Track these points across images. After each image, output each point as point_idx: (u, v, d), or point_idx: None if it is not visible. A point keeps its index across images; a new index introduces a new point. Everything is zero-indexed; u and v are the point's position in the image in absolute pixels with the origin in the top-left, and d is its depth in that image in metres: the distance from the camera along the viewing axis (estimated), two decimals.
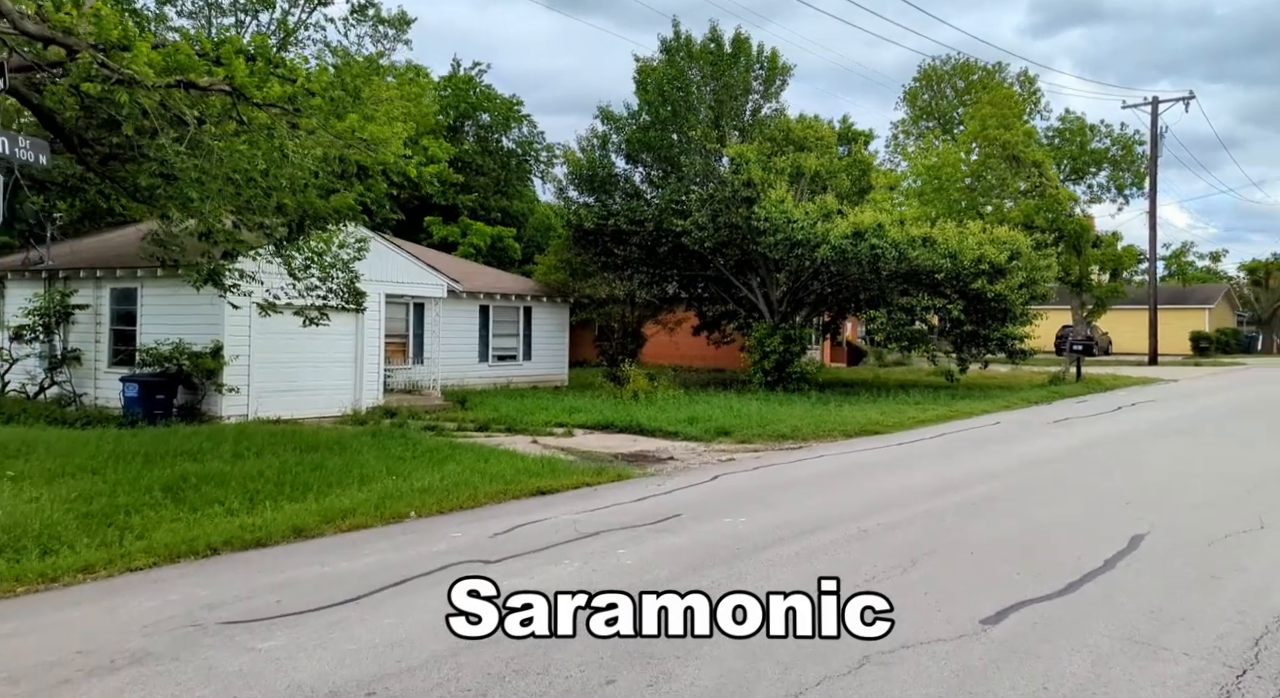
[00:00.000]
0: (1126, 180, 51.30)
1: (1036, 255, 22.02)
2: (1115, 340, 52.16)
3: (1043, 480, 9.70)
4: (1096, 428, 14.96)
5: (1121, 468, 10.61)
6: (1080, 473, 10.25)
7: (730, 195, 21.53)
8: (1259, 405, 19.41)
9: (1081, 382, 24.13)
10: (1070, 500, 8.50)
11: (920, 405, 18.09)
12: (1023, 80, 52.31)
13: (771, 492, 9.15)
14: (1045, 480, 9.72)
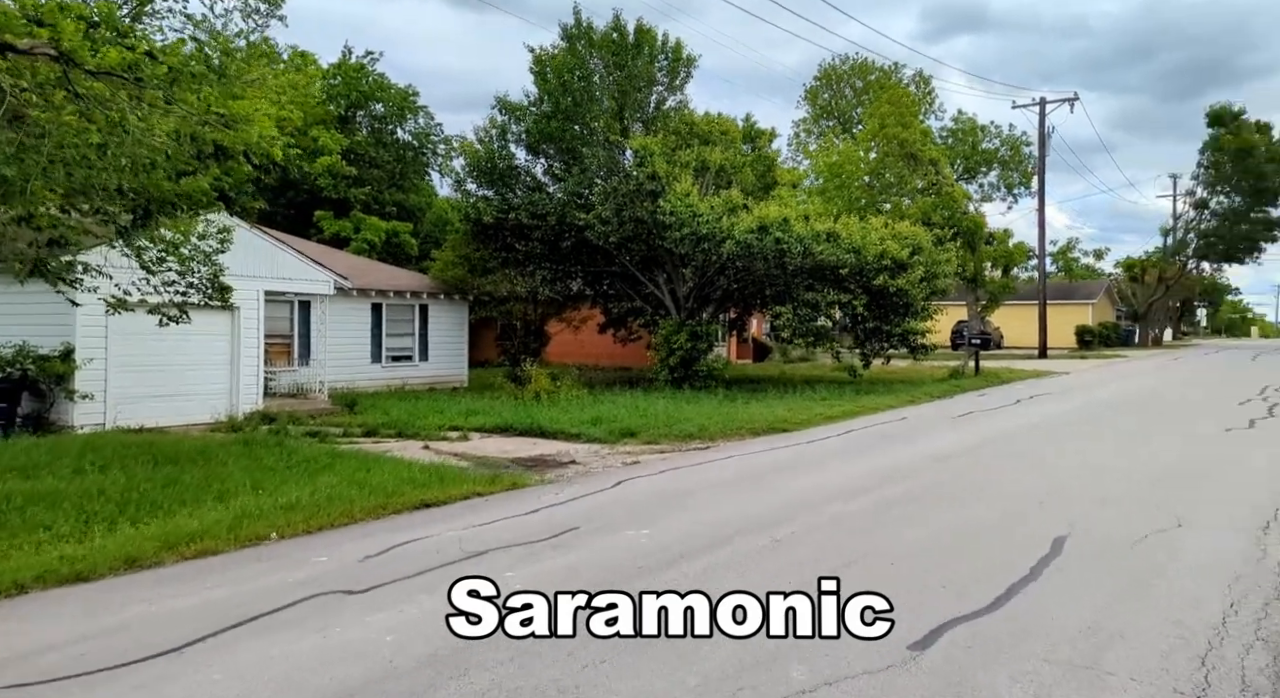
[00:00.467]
0: (1015, 180, 53.18)
1: (937, 251, 22.22)
2: (1007, 335, 54.00)
3: (956, 479, 9.41)
4: (1000, 422, 14.97)
5: (1030, 464, 10.44)
6: (992, 470, 10.01)
7: (634, 189, 20.93)
8: (1146, 397, 19.98)
9: (980, 375, 24.54)
10: (986, 500, 8.18)
11: (827, 402, 17.88)
12: (918, 81, 53.66)
13: (678, 498, 8.54)
14: (958, 479, 9.42)
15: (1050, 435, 13.13)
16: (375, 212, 32.72)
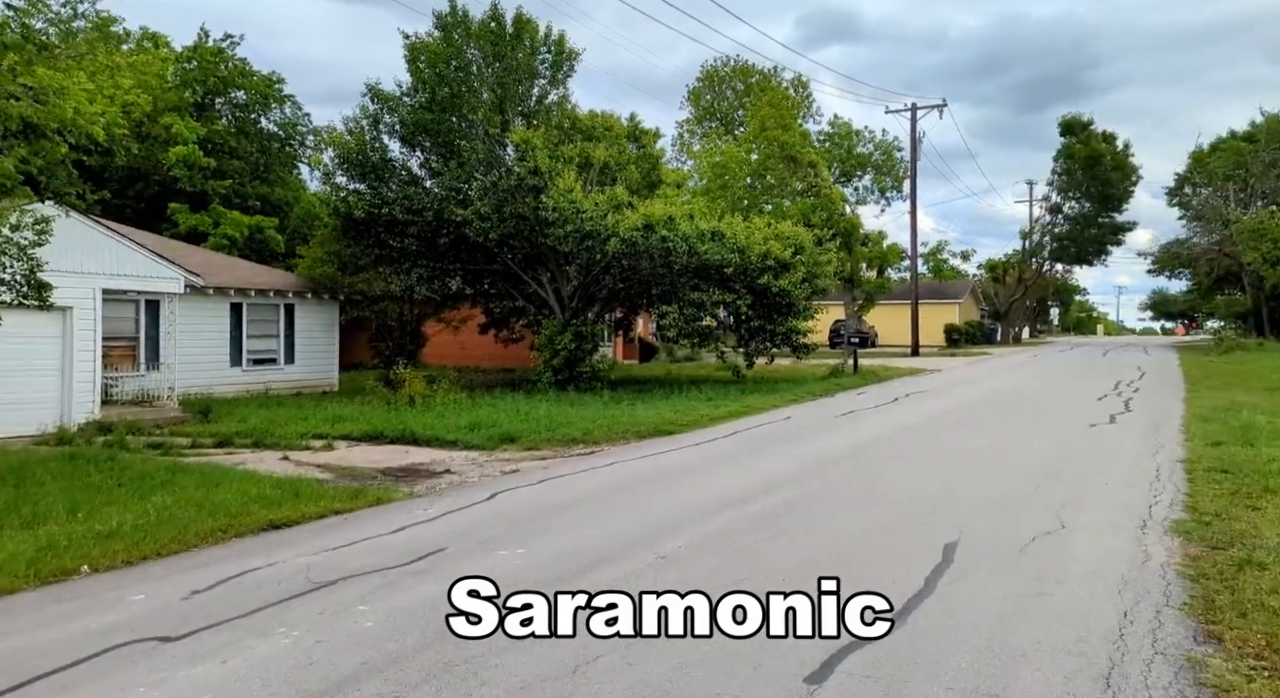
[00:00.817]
0: (888, 184, 55.00)
1: (818, 251, 22.44)
2: (881, 333, 55.81)
3: (842, 483, 9.21)
4: (881, 421, 15.06)
5: (915, 465, 10.39)
6: (877, 472, 9.89)
7: (516, 184, 20.18)
8: (1014, 394, 20.70)
9: (859, 374, 24.99)
10: (874, 505, 7.98)
11: (712, 402, 17.68)
12: (796, 84, 54.82)
13: (558, 511, 7.97)
14: (844, 482, 9.22)
15: (931, 434, 13.24)
16: (237, 206, 30.63)
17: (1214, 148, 54.70)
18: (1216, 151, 53.61)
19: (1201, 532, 6.48)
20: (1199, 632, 4.48)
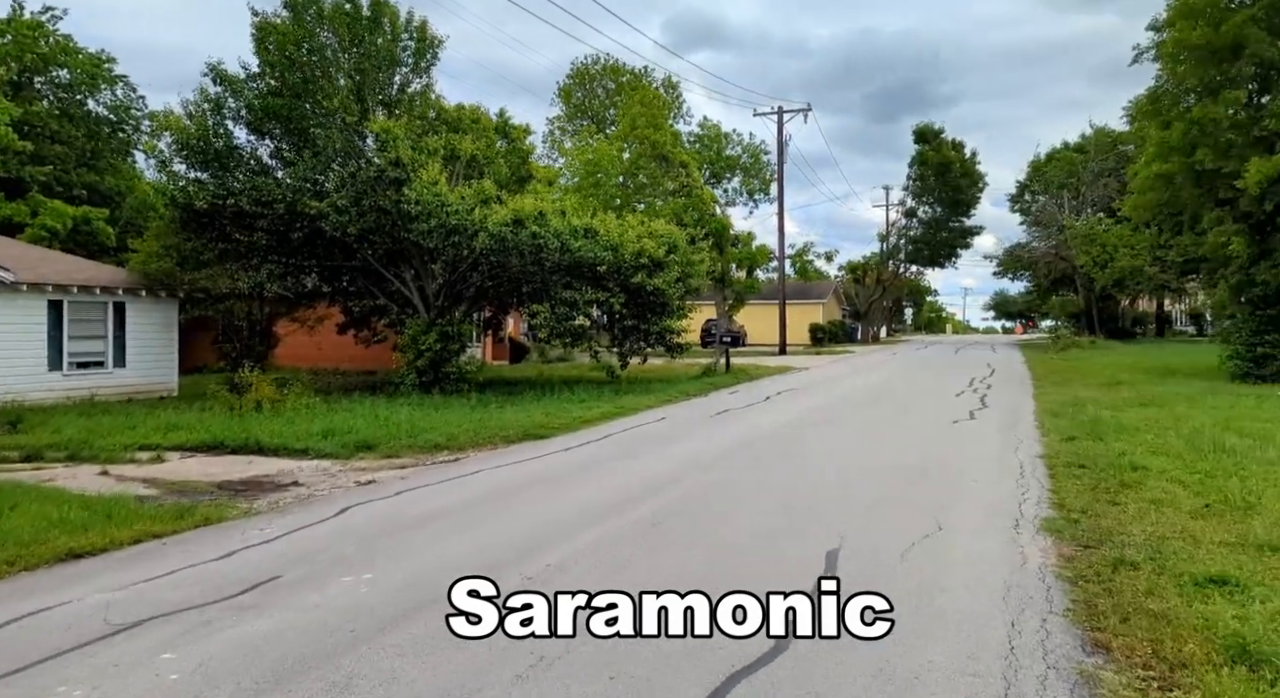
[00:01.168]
0: (756, 186, 56.14)
1: (691, 250, 22.36)
2: (750, 332, 56.92)
3: (719, 486, 8.90)
4: (755, 420, 14.98)
5: (791, 466, 10.23)
6: (754, 474, 9.65)
7: (376, 176, 19.06)
8: (879, 391, 21.22)
9: (731, 373, 25.11)
10: (754, 511, 7.68)
11: (585, 404, 17.21)
12: (667, 85, 55.13)
13: (415, 528, 7.27)
14: (722, 486, 8.92)
15: (804, 433, 13.21)
16: (60, 194, 27.82)
17: (1050, 158, 58.75)
18: (1052, 161, 57.59)
19: (1072, 530, 6.49)
20: (1086, 641, 4.33)
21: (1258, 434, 11.42)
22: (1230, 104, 18.80)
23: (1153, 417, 13.66)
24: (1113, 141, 54.34)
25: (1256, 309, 20.60)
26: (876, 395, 19.37)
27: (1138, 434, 11.61)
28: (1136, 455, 9.80)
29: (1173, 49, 19.29)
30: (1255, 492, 7.79)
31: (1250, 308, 20.74)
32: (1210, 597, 4.83)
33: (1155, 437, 11.28)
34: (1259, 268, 20.25)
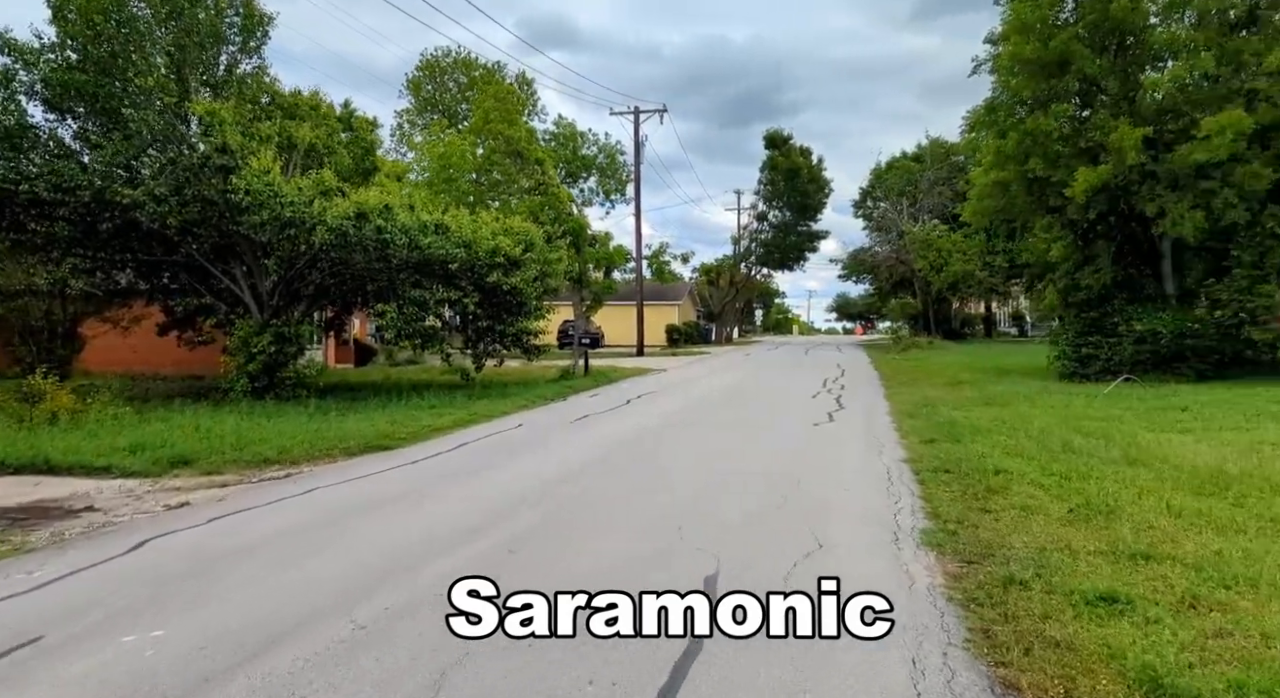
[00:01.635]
0: (612, 186, 55.97)
1: (549, 249, 21.62)
2: (607, 333, 56.70)
3: (583, 503, 8.24)
4: (616, 425, 14.43)
5: (657, 477, 9.71)
6: (620, 487, 9.05)
7: (200, 163, 17.26)
8: (738, 393, 21.20)
9: (590, 375, 24.54)
10: (622, 530, 7.07)
11: (436, 410, 16.16)
12: (521, 82, 54.04)
13: (227, 565, 6.21)
14: (586, 502, 8.26)
15: (669, 440, 12.76)
16: None
17: (890, 166, 61.71)
18: (892, 169, 60.50)
19: (952, 543, 6.25)
20: (994, 680, 3.97)
21: (1097, 433, 11.88)
22: (1059, 116, 19.93)
23: (999, 416, 14.09)
24: (946, 152, 57.69)
25: (1081, 312, 21.98)
26: (737, 397, 19.29)
27: (991, 435, 11.84)
28: (995, 458, 9.89)
29: (1008, 62, 20.28)
30: (1111, 494, 7.89)
31: (1075, 311, 22.11)
32: (1105, 619, 4.61)
33: (1008, 437, 11.52)
34: (1083, 273, 21.60)
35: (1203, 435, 11.71)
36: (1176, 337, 19.53)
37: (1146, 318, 20.31)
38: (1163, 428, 12.52)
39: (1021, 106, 20.88)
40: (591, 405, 17.49)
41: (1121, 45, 20.48)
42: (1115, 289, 21.39)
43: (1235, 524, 6.78)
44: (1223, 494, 8.02)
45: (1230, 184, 18.44)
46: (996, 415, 14.22)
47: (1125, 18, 19.32)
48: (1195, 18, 19.88)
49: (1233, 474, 8.76)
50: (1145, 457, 9.98)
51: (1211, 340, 19.60)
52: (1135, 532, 6.52)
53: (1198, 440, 11.26)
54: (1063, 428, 12.39)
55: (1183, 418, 13.61)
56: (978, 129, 22.79)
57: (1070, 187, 19.75)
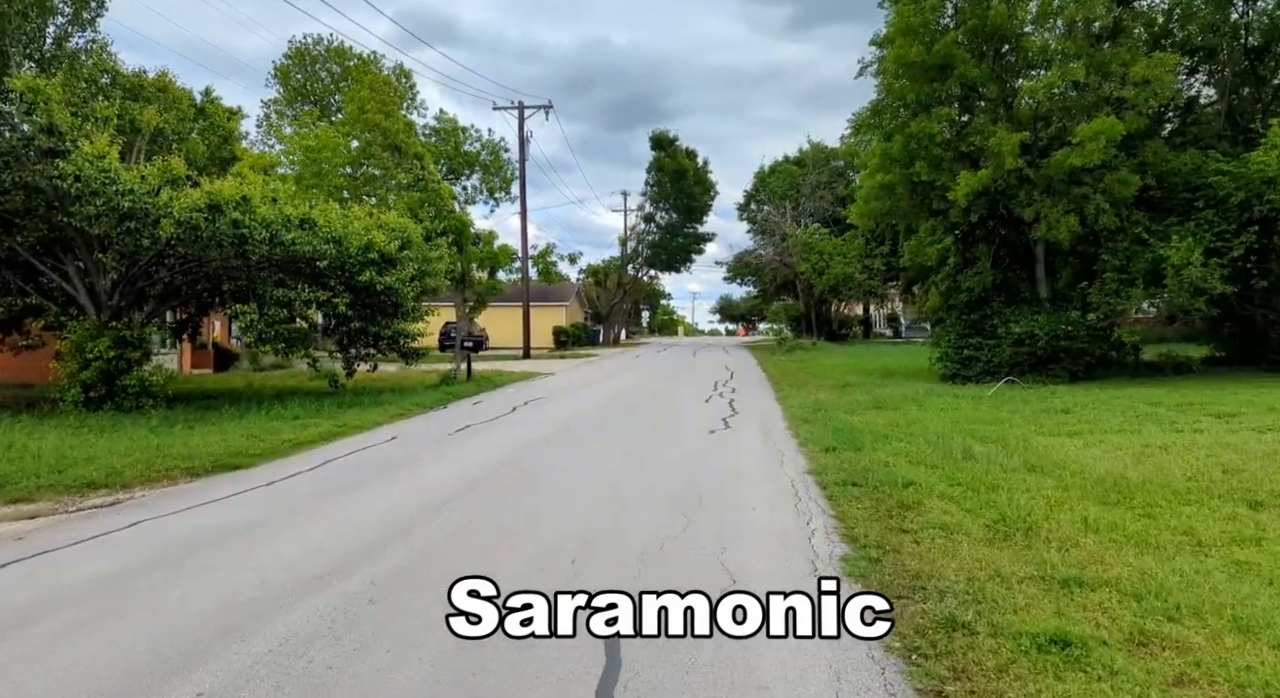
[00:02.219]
0: (496, 184, 54.49)
1: (428, 247, 20.34)
2: (492, 335, 55.18)
3: (461, 534, 7.27)
4: (500, 437, 13.44)
5: (546, 497, 8.83)
6: (503, 513, 8.12)
7: (21, 145, 15.23)
8: (628, 398, 20.50)
9: (473, 380, 23.33)
10: (504, 565, 6.15)
11: (300, 421, 14.74)
12: (399, 73, 51.79)
13: (9, 631, 4.97)
14: (464, 533, 7.30)
15: (558, 452, 11.88)
16: None
17: (773, 169, 62.58)
18: (775, 173, 61.36)
19: (878, 574, 5.64)
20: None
21: (992, 438, 11.74)
22: (942, 120, 20.16)
23: (894, 421, 13.87)
24: (827, 157, 58.94)
25: (962, 314, 22.37)
26: (628, 403, 18.57)
27: (890, 441, 11.52)
28: (900, 467, 9.50)
29: (893, 65, 20.37)
30: (1023, 508, 7.55)
31: (957, 313, 22.49)
32: (1062, 669, 4.05)
33: (907, 444, 11.21)
34: (965, 275, 21.98)
35: (1091, 439, 11.74)
36: (1052, 339, 20.05)
37: (1023, 320, 20.80)
38: (1052, 431, 12.53)
39: (906, 110, 21.04)
40: (474, 414, 16.39)
41: (999, 52, 20.93)
42: (994, 292, 21.86)
43: (1153, 540, 6.49)
44: (1129, 504, 7.81)
45: (1101, 190, 19.06)
46: (891, 420, 14.01)
47: (1002, 24, 19.72)
48: (1065, 27, 20.50)
49: (1134, 482, 8.61)
50: (1044, 463, 9.81)
51: (1083, 342, 20.23)
52: (1060, 552, 6.11)
53: (1088, 444, 11.25)
54: (958, 433, 12.22)
55: (1067, 421, 13.73)
56: (863, 131, 22.90)
57: (953, 190, 20.00)
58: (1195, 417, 13.50)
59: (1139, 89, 18.59)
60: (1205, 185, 19.25)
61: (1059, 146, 19.16)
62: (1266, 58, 21.00)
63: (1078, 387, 19.42)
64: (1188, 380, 20.28)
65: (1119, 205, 19.32)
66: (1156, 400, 15.83)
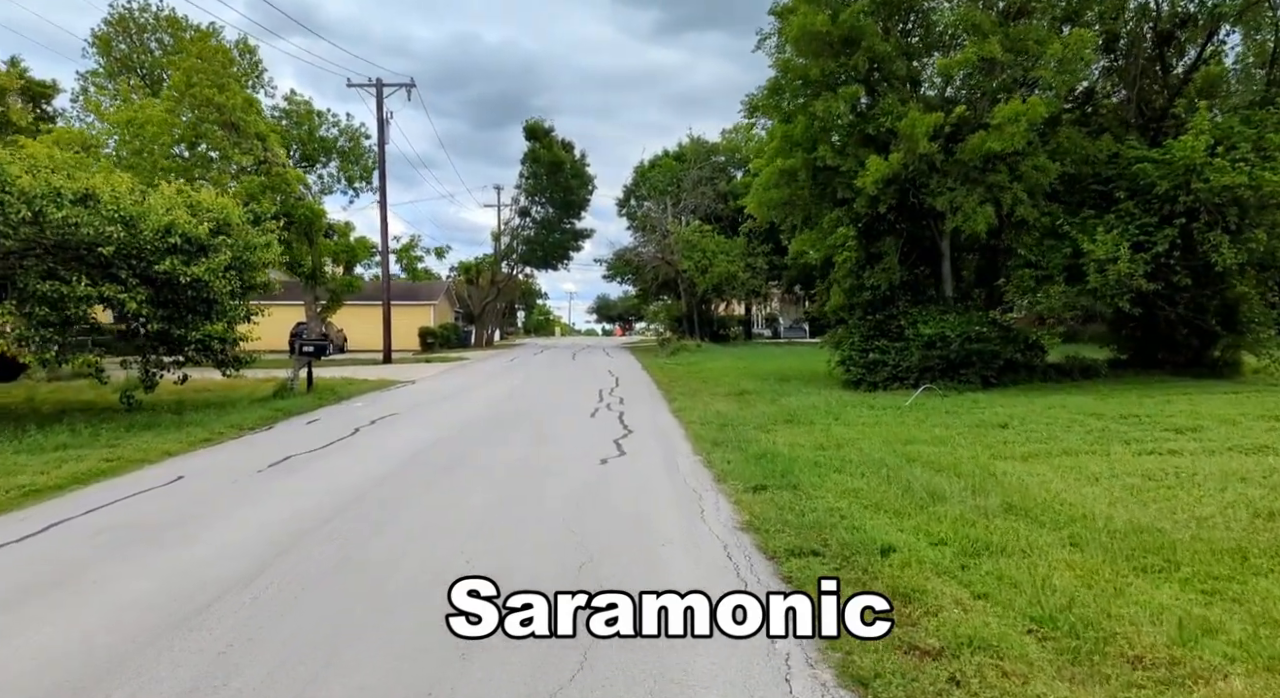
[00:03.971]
0: (356, 173, 50.11)
1: (254, 232, 16.77)
2: (352, 337, 50.78)
3: (249, 654, 4.38)
4: (331, 472, 10.35)
5: (382, 572, 6.01)
6: (320, 609, 5.26)
7: None
8: (505, 413, 17.63)
9: (314, 392, 19.77)
10: None
11: (63, 453, 11.18)
12: (243, 48, 46.51)
13: None
14: (253, 650, 4.41)
15: (407, 495, 8.93)
16: None
17: (653, 164, 60.57)
18: (655, 168, 59.35)
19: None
20: None
21: (944, 465, 9.62)
22: (848, 99, 18.24)
23: (818, 442, 11.64)
24: (708, 152, 57.38)
25: (866, 314, 20.61)
26: (501, 420, 15.67)
27: (827, 473, 9.20)
28: (859, 517, 7.14)
29: (796, 34, 18.27)
30: (1059, 591, 5.30)
31: (861, 313, 20.72)
32: None
33: (851, 479, 8.92)
34: (872, 272, 20.22)
35: (1058, 464, 9.80)
36: (964, 341, 18.49)
37: (932, 321, 19.19)
38: (1005, 454, 10.57)
39: (809, 88, 19.01)
40: (303, 439, 13.13)
41: (906, 27, 19.24)
42: (900, 291, 20.20)
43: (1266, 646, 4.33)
44: (1177, 574, 5.77)
45: (1018, 178, 17.58)
46: (814, 440, 11.77)
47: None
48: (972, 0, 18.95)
49: (1168, 536, 6.55)
50: (1027, 503, 7.70)
51: (995, 344, 18.78)
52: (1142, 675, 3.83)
53: (1059, 472, 9.28)
54: (899, 458, 10.07)
55: (1011, 438, 11.85)
56: (760, 112, 20.77)
57: (860, 176, 18.13)
58: (1155, 432, 11.85)
59: (1056, 69, 17.20)
60: (1120, 176, 18.10)
61: (974, 130, 17.55)
62: (1173, 44, 20.15)
63: (994, 393, 17.90)
64: (1100, 384, 19.14)
65: (1035, 195, 17.92)
66: (1094, 410, 14.28)
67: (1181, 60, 20.63)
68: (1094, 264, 16.71)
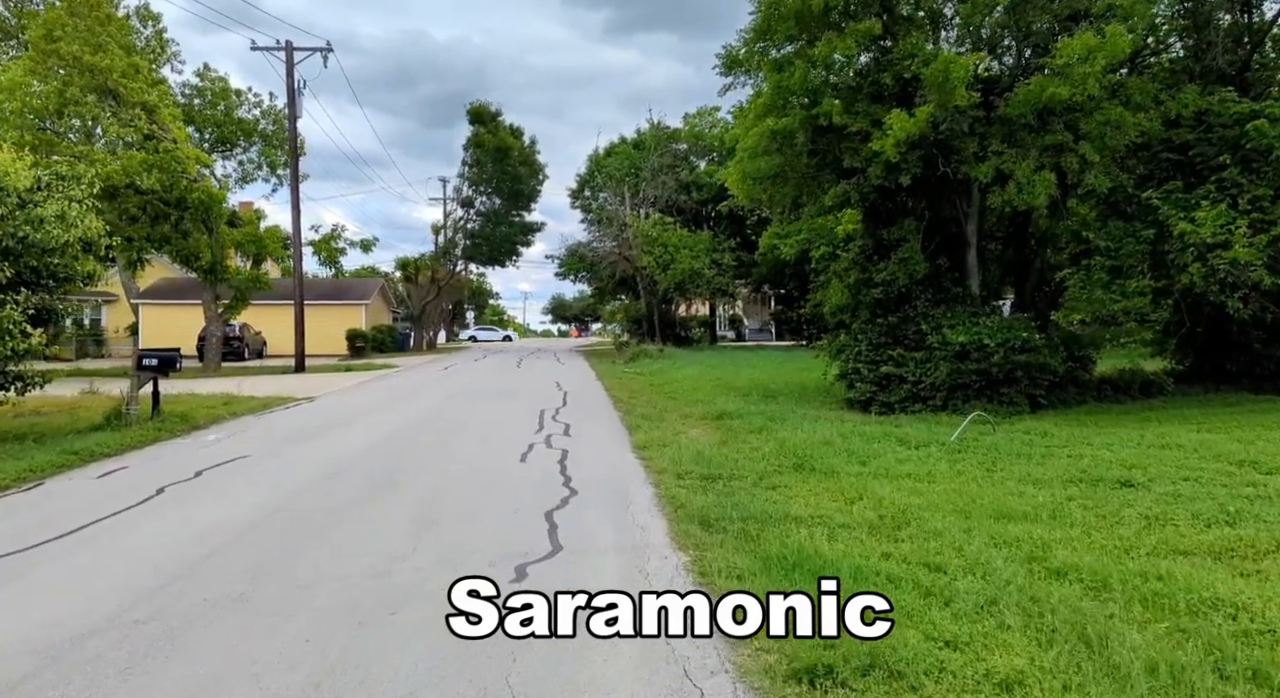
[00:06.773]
0: (280, 159, 45.01)
1: (39, 195, 12.02)
2: (272, 341, 45.59)
3: None
4: (130, 555, 5.87)
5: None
6: None
7: None
8: (410, 444, 13.12)
9: (158, 417, 14.95)
10: None
11: None
12: (142, 14, 40.97)
13: None
14: None
15: (237, 590, 4.42)
16: None
17: (609, 151, 56.16)
18: (612, 155, 54.95)
19: None
20: None
21: (1082, 572, 5.44)
22: (862, 36, 14.05)
23: (862, 517, 7.37)
24: (668, 139, 53.13)
25: (876, 316, 16.46)
26: (401, 462, 11.11)
27: (900, 590, 4.93)
28: None
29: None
30: None
31: (869, 314, 16.56)
32: None
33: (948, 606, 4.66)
34: (882, 264, 16.06)
35: (1264, 577, 5.67)
36: (1008, 351, 14.43)
37: (962, 325, 15.11)
38: (1178, 546, 6.41)
39: (811, 22, 14.74)
40: (103, 497, 8.46)
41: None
42: (920, 287, 16.07)
43: None
44: None
45: (1081, 137, 13.55)
46: (856, 514, 7.48)
47: None
48: None
49: None
50: None
51: (1045, 355, 14.76)
52: None
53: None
54: (1024, 567, 5.85)
55: (1156, 509, 7.68)
56: (742, 66, 16.44)
57: (876, 139, 13.97)
58: None
59: None
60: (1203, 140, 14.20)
61: (1025, 76, 13.50)
62: None
63: (1051, 418, 13.86)
64: (1177, 405, 15.20)
65: (1104, 160, 13.92)
66: (1220, 452, 10.25)
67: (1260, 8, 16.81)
68: (1192, 250, 12.77)
